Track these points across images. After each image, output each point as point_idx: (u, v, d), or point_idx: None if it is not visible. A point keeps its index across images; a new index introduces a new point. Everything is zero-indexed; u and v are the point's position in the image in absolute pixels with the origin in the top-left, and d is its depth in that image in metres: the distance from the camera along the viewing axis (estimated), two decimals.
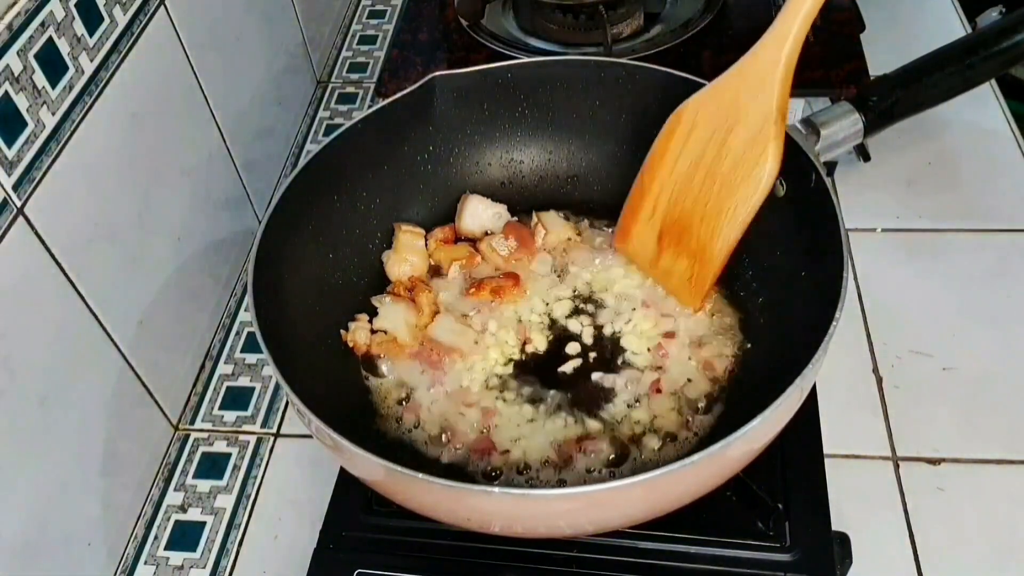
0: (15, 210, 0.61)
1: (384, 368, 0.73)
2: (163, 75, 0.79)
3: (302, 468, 0.80)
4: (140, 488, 0.78)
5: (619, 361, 0.73)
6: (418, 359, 0.73)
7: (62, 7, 0.65)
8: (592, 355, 0.73)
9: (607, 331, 0.75)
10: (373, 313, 0.75)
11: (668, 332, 0.73)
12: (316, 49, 1.16)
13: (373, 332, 0.74)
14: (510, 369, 0.73)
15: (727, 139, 0.67)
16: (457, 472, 0.67)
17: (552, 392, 0.71)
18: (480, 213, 0.81)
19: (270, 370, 0.58)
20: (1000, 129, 1.00)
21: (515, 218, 0.82)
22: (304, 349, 0.68)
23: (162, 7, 0.78)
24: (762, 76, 0.64)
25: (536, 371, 0.73)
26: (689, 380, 0.71)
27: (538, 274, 0.78)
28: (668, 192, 0.72)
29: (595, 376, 0.72)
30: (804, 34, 0.62)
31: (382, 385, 0.73)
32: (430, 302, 0.75)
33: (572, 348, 0.74)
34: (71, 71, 0.66)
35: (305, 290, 0.71)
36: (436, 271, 0.80)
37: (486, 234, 0.81)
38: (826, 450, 0.69)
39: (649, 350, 0.73)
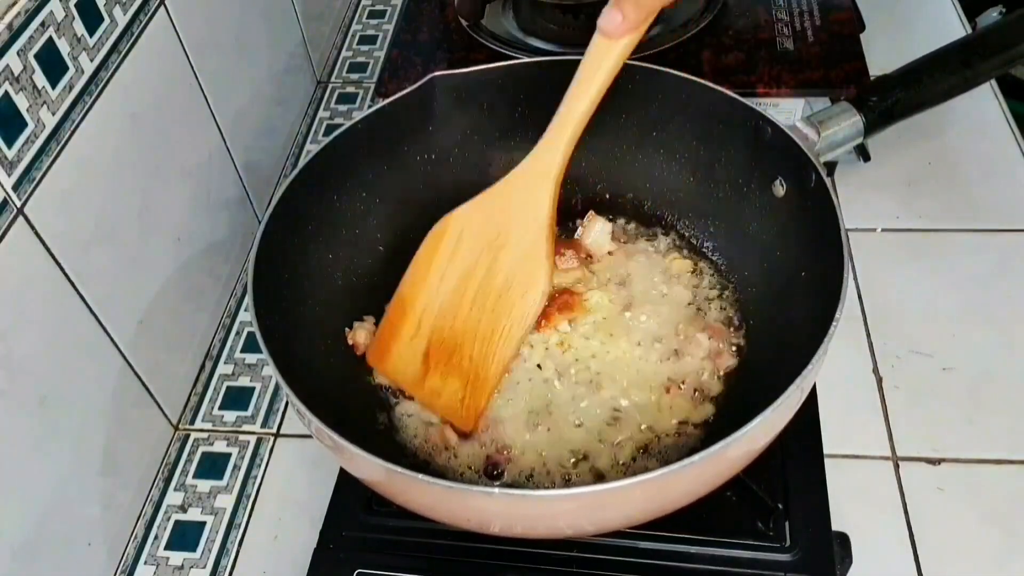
0: (15, 210, 0.61)
1: None
2: (163, 75, 0.79)
3: (302, 468, 0.80)
4: (140, 488, 0.78)
5: None
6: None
7: (62, 7, 0.65)
8: None
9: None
10: (379, 315, 0.75)
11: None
12: (316, 49, 1.16)
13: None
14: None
15: (498, 255, 0.66)
16: (457, 473, 0.67)
17: (552, 393, 0.71)
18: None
19: (270, 370, 0.58)
20: (1000, 129, 1.00)
21: None
22: (304, 349, 0.68)
23: (162, 7, 0.78)
24: (532, 189, 0.65)
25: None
26: (684, 381, 0.71)
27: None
28: (434, 308, 0.69)
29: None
30: (572, 147, 0.63)
31: (382, 386, 0.73)
32: None
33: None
34: (71, 71, 0.66)
35: (305, 290, 0.71)
36: None
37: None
38: (826, 450, 0.69)
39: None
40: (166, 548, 0.76)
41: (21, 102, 0.61)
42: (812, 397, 0.72)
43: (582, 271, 0.77)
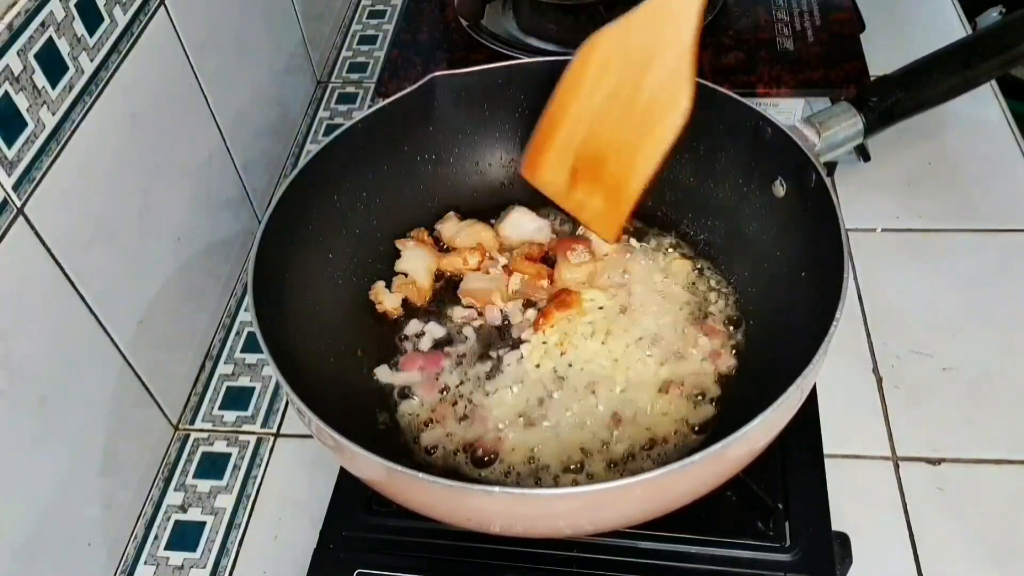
0: (15, 210, 0.61)
1: (385, 369, 0.74)
2: (163, 75, 0.79)
3: (302, 468, 0.80)
4: (140, 488, 0.78)
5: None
6: (417, 361, 0.74)
7: (62, 7, 0.65)
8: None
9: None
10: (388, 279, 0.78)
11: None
12: (316, 49, 1.16)
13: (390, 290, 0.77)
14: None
15: (643, 75, 0.67)
16: (457, 472, 0.67)
17: (554, 396, 0.71)
18: (523, 224, 0.81)
19: (270, 370, 0.58)
20: (1000, 129, 1.00)
21: (554, 235, 0.81)
22: (304, 348, 0.68)
23: (162, 7, 0.78)
24: (678, 15, 0.65)
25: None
26: (683, 383, 0.70)
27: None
28: (584, 124, 0.71)
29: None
30: None
31: (382, 385, 0.73)
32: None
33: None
34: (71, 71, 0.66)
35: (305, 290, 0.71)
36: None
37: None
38: (826, 450, 0.69)
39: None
40: (166, 548, 0.76)
41: (21, 102, 0.61)
42: (812, 397, 0.72)
43: (595, 264, 0.78)
